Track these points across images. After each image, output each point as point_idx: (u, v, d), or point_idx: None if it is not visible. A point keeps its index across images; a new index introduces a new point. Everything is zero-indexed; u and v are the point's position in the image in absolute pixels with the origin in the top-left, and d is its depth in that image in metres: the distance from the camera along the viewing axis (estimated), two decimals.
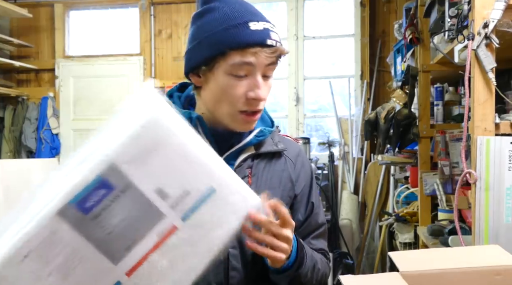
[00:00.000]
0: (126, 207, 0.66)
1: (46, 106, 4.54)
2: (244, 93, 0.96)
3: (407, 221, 2.92)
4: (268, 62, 0.96)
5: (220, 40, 0.95)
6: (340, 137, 4.20)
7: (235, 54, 0.94)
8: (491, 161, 1.36)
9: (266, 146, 1.07)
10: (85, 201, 0.64)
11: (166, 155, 0.68)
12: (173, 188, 0.69)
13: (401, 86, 2.59)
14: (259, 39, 0.94)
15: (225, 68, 0.95)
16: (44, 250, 0.63)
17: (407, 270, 0.94)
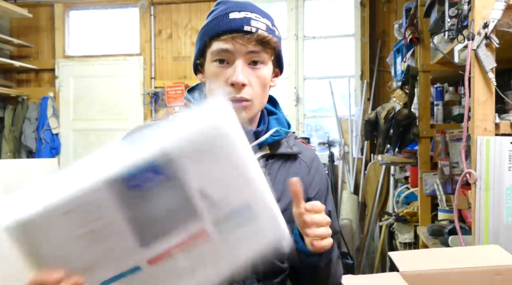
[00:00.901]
0: (167, 196, 0.67)
1: (46, 106, 4.54)
2: (226, 79, 0.98)
3: (407, 221, 2.92)
4: (248, 48, 0.97)
5: (204, 32, 1.01)
6: (340, 137, 4.20)
7: (215, 42, 0.98)
8: (491, 161, 1.36)
9: (282, 148, 1.09)
10: (134, 179, 0.66)
11: (219, 161, 0.70)
12: (215, 193, 0.70)
13: (401, 86, 2.59)
14: (235, 26, 0.96)
15: (209, 57, 1.00)
16: (83, 213, 0.65)
17: (407, 270, 0.94)
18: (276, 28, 1.05)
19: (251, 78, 0.99)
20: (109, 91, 4.53)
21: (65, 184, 0.66)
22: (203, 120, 0.69)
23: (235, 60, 0.98)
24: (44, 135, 4.51)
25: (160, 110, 4.47)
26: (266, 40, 0.98)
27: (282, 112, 1.17)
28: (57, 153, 4.55)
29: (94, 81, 4.55)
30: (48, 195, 0.65)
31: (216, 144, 0.69)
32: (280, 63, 1.09)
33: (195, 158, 0.68)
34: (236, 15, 0.98)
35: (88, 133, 4.55)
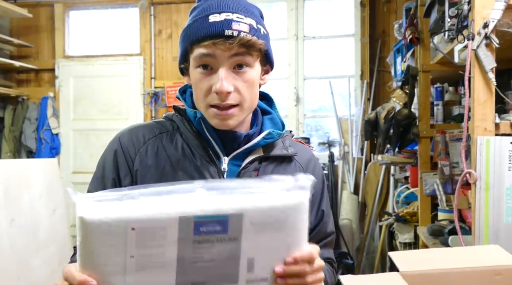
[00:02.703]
0: (219, 253, 0.70)
1: (46, 106, 4.54)
2: (210, 86, 0.95)
3: (407, 221, 2.92)
4: (230, 53, 0.92)
5: (185, 36, 0.97)
6: (340, 137, 4.20)
7: (196, 48, 0.94)
8: (491, 161, 1.36)
9: (276, 149, 1.05)
10: (203, 225, 0.69)
11: (279, 239, 0.73)
12: (261, 267, 0.74)
13: (401, 86, 2.59)
14: (215, 30, 0.91)
15: (192, 63, 0.97)
16: (147, 235, 0.67)
17: (407, 270, 0.94)
18: (262, 26, 0.98)
19: (237, 83, 0.95)
20: (109, 91, 4.53)
21: (145, 203, 0.68)
22: (286, 197, 0.73)
23: (218, 67, 0.93)
24: (44, 135, 4.51)
25: (160, 110, 4.47)
26: (250, 43, 0.93)
27: (277, 111, 1.12)
28: (57, 153, 4.55)
29: (94, 81, 4.55)
30: (128, 206, 0.67)
31: (285, 224, 0.73)
32: (269, 60, 1.02)
33: (261, 228, 0.71)
34: (216, 18, 0.92)
35: (88, 133, 4.55)
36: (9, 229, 2.49)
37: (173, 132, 1.04)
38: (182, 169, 0.99)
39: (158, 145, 1.02)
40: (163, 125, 1.07)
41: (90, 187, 1.07)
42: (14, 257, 2.51)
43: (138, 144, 1.03)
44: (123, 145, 1.03)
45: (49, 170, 2.98)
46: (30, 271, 2.62)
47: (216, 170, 1.00)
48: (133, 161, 1.01)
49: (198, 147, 1.01)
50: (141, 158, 1.01)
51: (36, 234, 2.72)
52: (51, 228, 2.85)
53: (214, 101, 0.95)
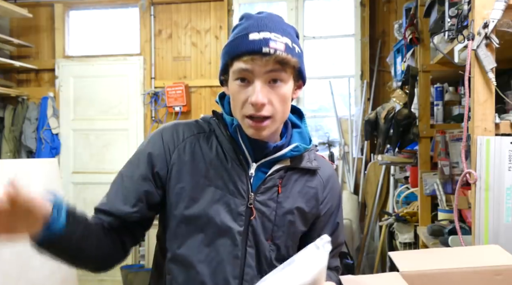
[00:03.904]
0: None
1: (46, 106, 4.54)
2: (246, 98, 1.04)
3: (407, 221, 2.92)
4: (266, 68, 1.01)
5: (226, 51, 1.06)
6: (340, 137, 4.20)
7: (236, 62, 1.03)
8: (491, 161, 1.36)
9: (303, 162, 1.15)
10: None
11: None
12: None
13: (401, 86, 2.59)
14: (254, 47, 1.00)
15: (231, 75, 1.06)
16: None
17: (407, 270, 0.94)
18: (297, 45, 1.08)
19: (271, 96, 1.04)
20: (109, 91, 4.53)
21: None
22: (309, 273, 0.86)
23: (254, 80, 1.02)
24: (44, 135, 4.51)
25: (159, 110, 4.47)
26: (285, 61, 1.02)
27: (306, 125, 1.22)
28: (57, 153, 4.55)
29: (94, 81, 4.55)
30: None
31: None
32: (302, 76, 1.13)
33: None
34: (255, 36, 1.01)
35: (88, 133, 4.55)
36: None
37: (210, 133, 1.14)
38: (214, 169, 1.09)
39: (195, 143, 1.12)
40: (201, 126, 1.16)
41: (123, 169, 1.14)
42: (14, 258, 2.51)
43: (178, 140, 1.13)
44: (164, 139, 1.13)
45: (49, 170, 2.98)
46: (30, 271, 2.62)
47: (244, 174, 1.10)
48: (171, 155, 1.11)
49: (231, 151, 1.10)
50: (179, 153, 1.11)
51: None
52: None
53: (249, 112, 1.04)
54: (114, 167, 1.04)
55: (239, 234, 1.08)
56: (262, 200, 1.10)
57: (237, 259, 1.07)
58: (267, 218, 1.10)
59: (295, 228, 1.14)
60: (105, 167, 4.41)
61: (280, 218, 1.11)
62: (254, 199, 1.09)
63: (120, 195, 1.09)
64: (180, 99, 4.31)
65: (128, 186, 1.10)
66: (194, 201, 1.08)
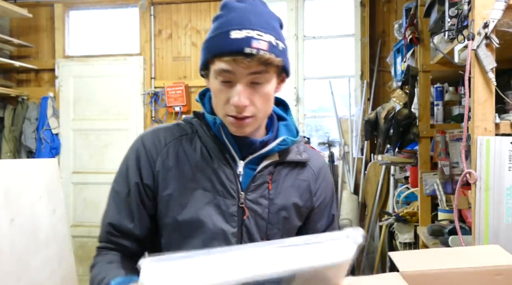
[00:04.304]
0: None
1: (46, 106, 4.54)
2: (227, 98, 1.00)
3: (407, 221, 2.92)
4: (249, 70, 0.97)
5: (207, 47, 1.02)
6: (340, 137, 4.20)
7: (217, 61, 0.99)
8: (491, 161, 1.36)
9: (291, 154, 1.12)
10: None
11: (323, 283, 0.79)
12: None
13: (401, 86, 2.59)
14: (236, 47, 0.95)
15: (212, 73, 1.02)
16: None
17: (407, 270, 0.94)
18: (281, 40, 1.02)
19: (253, 97, 1.00)
20: (109, 91, 4.52)
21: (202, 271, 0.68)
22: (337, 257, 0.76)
23: (236, 82, 0.98)
24: (44, 135, 4.51)
25: (159, 110, 4.47)
26: (268, 62, 0.97)
27: (292, 117, 1.19)
28: (57, 153, 4.55)
29: (94, 81, 4.55)
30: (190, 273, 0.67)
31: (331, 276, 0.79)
32: (286, 71, 1.07)
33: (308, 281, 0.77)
34: (237, 35, 0.96)
35: (88, 133, 4.54)
36: (9, 229, 2.49)
37: (192, 135, 1.10)
38: (201, 171, 1.06)
39: (179, 147, 1.08)
40: (183, 128, 1.12)
41: (114, 184, 1.11)
42: (14, 257, 2.51)
43: (160, 145, 1.08)
44: (146, 146, 1.09)
45: (49, 170, 2.98)
46: (30, 271, 2.62)
47: (232, 173, 1.06)
48: (155, 162, 1.07)
49: (216, 150, 1.07)
50: (163, 159, 1.07)
51: (36, 234, 2.72)
52: (51, 228, 2.85)
53: (231, 112, 1.01)
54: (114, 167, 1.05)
55: (233, 235, 1.05)
56: (253, 199, 1.07)
57: None
58: (260, 217, 1.07)
59: (289, 224, 1.12)
60: (105, 167, 4.41)
61: (273, 215, 1.09)
62: (245, 198, 1.06)
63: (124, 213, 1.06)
64: (180, 99, 4.31)
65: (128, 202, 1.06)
66: (183, 206, 1.05)
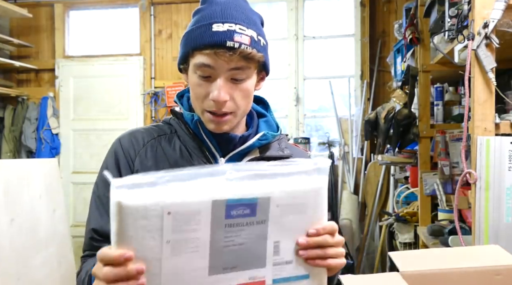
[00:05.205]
0: (249, 237, 0.73)
1: (46, 106, 4.54)
2: (207, 93, 0.98)
3: (407, 221, 2.92)
4: (230, 65, 0.95)
5: (187, 40, 0.99)
6: (340, 137, 4.20)
7: (197, 54, 0.96)
8: (491, 161, 1.36)
9: (271, 150, 1.08)
10: (234, 208, 0.71)
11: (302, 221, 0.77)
12: (285, 250, 0.76)
13: (401, 86, 2.59)
14: (217, 40, 0.93)
15: (192, 67, 0.99)
16: (182, 219, 0.68)
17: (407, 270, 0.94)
18: (262, 37, 1.00)
19: (233, 93, 0.98)
20: (109, 91, 4.53)
21: (179, 188, 0.69)
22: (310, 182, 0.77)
23: (216, 77, 0.96)
24: (44, 135, 4.51)
25: (159, 110, 4.47)
26: (250, 56, 0.95)
27: (272, 114, 1.16)
28: (57, 153, 4.55)
29: (94, 81, 4.55)
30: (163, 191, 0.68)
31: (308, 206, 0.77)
32: (265, 68, 1.05)
33: (285, 211, 0.75)
34: (219, 28, 0.94)
35: (88, 133, 4.55)
36: (9, 229, 2.49)
37: (171, 135, 1.08)
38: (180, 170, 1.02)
39: (157, 147, 1.05)
40: (161, 129, 1.10)
41: (95, 188, 1.07)
42: (14, 257, 2.51)
43: (138, 146, 1.06)
44: (124, 147, 1.06)
45: (49, 170, 2.98)
46: (30, 271, 2.62)
47: None
48: (134, 162, 1.04)
49: (195, 149, 1.04)
50: (141, 159, 1.04)
51: (36, 234, 2.72)
52: (51, 228, 2.85)
53: (210, 108, 0.98)
54: None
55: None
56: None
57: None
58: None
59: None
60: None
61: None
62: None
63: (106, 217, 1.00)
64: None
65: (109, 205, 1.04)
66: None
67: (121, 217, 0.67)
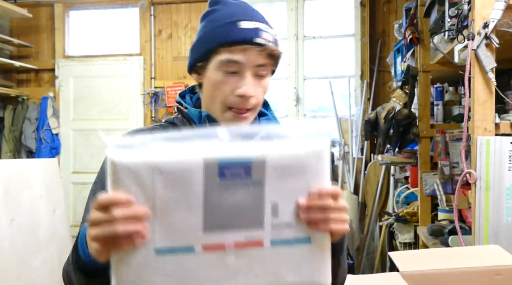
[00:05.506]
0: (244, 197, 0.72)
1: (46, 106, 4.55)
2: (232, 89, 0.99)
3: (407, 221, 2.92)
4: (257, 61, 0.97)
5: (211, 37, 0.99)
6: (340, 137, 4.20)
7: (224, 51, 0.97)
8: (491, 161, 1.36)
9: None
10: (227, 168, 0.71)
11: (302, 185, 0.75)
12: (285, 212, 0.75)
13: (401, 86, 2.59)
14: (247, 36, 0.96)
15: (215, 64, 0.99)
16: (174, 178, 0.70)
17: (407, 270, 0.94)
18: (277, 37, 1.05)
19: (257, 89, 1.00)
20: (109, 91, 4.53)
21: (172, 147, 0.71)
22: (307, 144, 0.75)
23: (243, 72, 0.98)
24: (44, 135, 4.51)
25: (159, 110, 4.47)
26: (275, 53, 0.99)
27: (273, 113, 1.17)
28: (57, 153, 4.55)
29: (94, 81, 4.55)
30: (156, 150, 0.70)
31: (306, 170, 0.75)
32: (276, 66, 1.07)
33: (284, 174, 0.73)
34: (247, 25, 0.97)
35: (88, 133, 4.54)
36: (9, 229, 2.49)
37: None
38: None
39: None
40: (165, 128, 1.09)
41: (93, 187, 1.07)
42: (14, 257, 2.51)
43: None
44: None
45: (49, 170, 2.98)
46: (30, 271, 2.62)
47: None
48: None
49: None
50: None
51: (36, 234, 2.72)
52: (51, 228, 2.86)
53: (234, 105, 0.99)
54: None
55: None
56: None
57: None
58: None
59: None
60: None
61: None
62: None
63: None
64: None
65: None
66: None
67: (116, 175, 0.69)
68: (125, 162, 0.69)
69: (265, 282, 0.76)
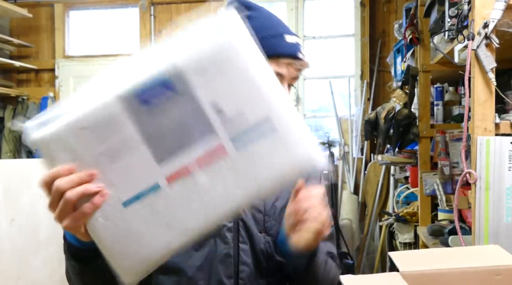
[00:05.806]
0: (179, 111, 0.68)
1: (46, 106, 4.54)
2: None
3: (407, 221, 2.92)
4: (295, 74, 1.02)
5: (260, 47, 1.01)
6: (340, 137, 4.20)
7: (271, 63, 0.95)
8: (491, 161, 1.36)
9: None
10: (146, 94, 0.68)
11: (232, 75, 0.69)
12: (229, 106, 0.69)
13: (401, 86, 2.59)
14: (292, 51, 1.00)
15: None
16: (99, 129, 0.68)
17: (407, 270, 0.94)
18: None
19: None
20: None
21: (82, 102, 0.70)
22: (215, 34, 0.69)
23: (282, 84, 0.99)
24: None
25: None
26: (305, 67, 1.04)
27: None
28: None
29: None
30: (69, 113, 0.69)
31: (227, 58, 0.68)
32: None
33: (206, 73, 0.68)
34: (291, 39, 1.01)
35: None
36: (9, 229, 2.49)
37: None
38: None
39: None
40: None
41: None
42: (14, 257, 2.51)
43: None
44: None
45: None
46: (30, 271, 2.62)
47: None
48: None
49: None
50: None
51: (36, 234, 2.72)
52: (51, 228, 2.85)
53: None
54: None
55: (228, 231, 1.01)
56: None
57: (229, 257, 1.00)
58: (257, 209, 1.04)
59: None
60: None
61: (270, 207, 1.06)
62: None
63: None
64: None
65: None
66: None
67: (44, 151, 0.69)
68: (46, 135, 0.68)
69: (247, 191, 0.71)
